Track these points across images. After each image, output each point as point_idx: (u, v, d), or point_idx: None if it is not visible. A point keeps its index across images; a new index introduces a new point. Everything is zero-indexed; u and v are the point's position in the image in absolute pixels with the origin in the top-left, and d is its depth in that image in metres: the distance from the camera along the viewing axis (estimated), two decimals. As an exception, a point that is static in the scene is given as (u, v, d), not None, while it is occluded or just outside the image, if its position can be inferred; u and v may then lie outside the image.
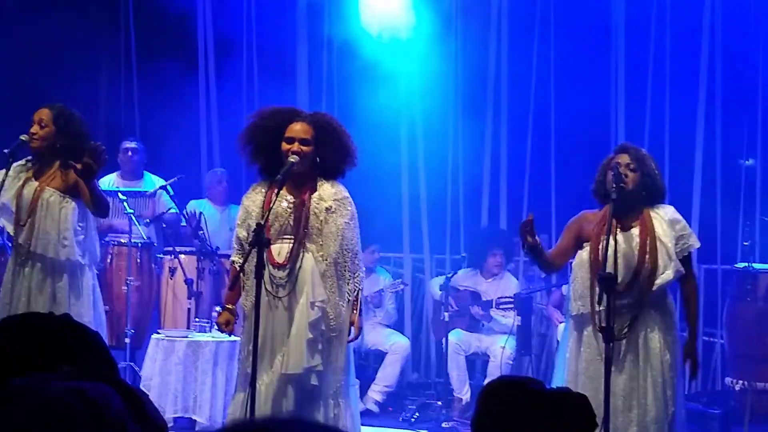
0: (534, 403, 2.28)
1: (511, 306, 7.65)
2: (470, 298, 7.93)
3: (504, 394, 2.31)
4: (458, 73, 8.94)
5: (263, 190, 4.87)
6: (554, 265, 5.18)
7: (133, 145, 8.27)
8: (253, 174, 5.16)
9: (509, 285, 7.96)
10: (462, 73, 8.95)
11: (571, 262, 5.11)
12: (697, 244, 5.01)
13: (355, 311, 4.86)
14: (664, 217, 4.91)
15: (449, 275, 7.83)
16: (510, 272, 8.19)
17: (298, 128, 4.81)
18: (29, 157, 5.48)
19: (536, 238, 4.83)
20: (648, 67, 8.60)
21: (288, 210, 4.78)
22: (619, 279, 4.70)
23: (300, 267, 4.75)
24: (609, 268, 4.57)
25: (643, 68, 8.62)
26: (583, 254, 4.94)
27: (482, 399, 2.34)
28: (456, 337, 7.76)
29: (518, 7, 8.85)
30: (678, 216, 4.96)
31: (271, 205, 4.65)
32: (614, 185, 4.78)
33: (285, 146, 4.77)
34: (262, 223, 4.53)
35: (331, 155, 4.86)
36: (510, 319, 7.69)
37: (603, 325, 4.53)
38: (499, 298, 7.73)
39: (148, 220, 7.72)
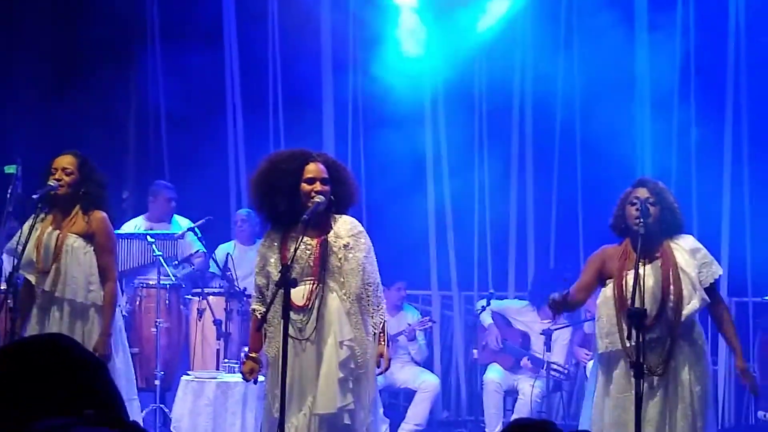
0: None
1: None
2: (521, 343, 7.82)
3: None
4: (482, 109, 8.99)
5: (279, 236, 4.88)
6: (577, 304, 5.15)
7: (173, 194, 8.32)
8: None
9: (566, 333, 7.85)
10: (486, 108, 9.00)
11: (596, 300, 5.08)
12: (720, 271, 4.95)
13: (382, 343, 4.86)
14: (684, 247, 4.87)
15: (488, 297, 7.78)
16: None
17: (315, 168, 4.83)
18: (43, 209, 5.42)
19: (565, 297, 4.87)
20: (673, 101, 8.60)
21: (307, 252, 4.79)
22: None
23: (324, 307, 4.75)
24: (635, 303, 4.55)
25: (668, 101, 8.61)
26: (607, 291, 4.91)
27: None
28: (497, 375, 7.71)
29: (542, 42, 8.87)
30: (698, 245, 4.92)
31: (296, 246, 4.65)
32: (640, 220, 4.75)
33: (306, 187, 4.78)
34: (289, 263, 4.54)
35: (343, 192, 4.90)
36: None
37: (638, 360, 4.49)
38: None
39: (176, 262, 7.76)
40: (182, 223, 8.13)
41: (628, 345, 4.69)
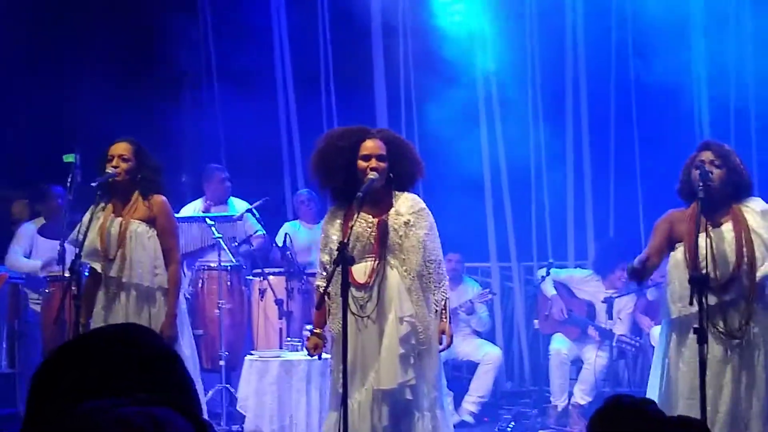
0: (653, 430, 2.16)
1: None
2: (586, 313, 7.76)
3: (622, 420, 2.16)
4: (536, 76, 8.91)
5: (341, 213, 4.90)
6: (653, 268, 5.05)
7: (226, 175, 8.38)
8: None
9: (629, 301, 7.77)
10: (540, 76, 8.92)
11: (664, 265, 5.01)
12: None
13: (444, 320, 4.86)
14: (756, 209, 4.80)
15: (548, 266, 7.76)
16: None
17: (372, 145, 4.83)
18: (102, 197, 5.47)
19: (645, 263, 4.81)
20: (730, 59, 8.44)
21: (368, 229, 4.80)
22: (717, 276, 4.62)
23: (384, 284, 4.76)
24: (704, 267, 4.49)
25: (725, 57, 8.45)
26: (677, 255, 4.84)
27: (597, 422, 2.18)
28: (564, 346, 7.67)
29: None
30: None
31: (352, 223, 4.67)
32: (701, 183, 4.69)
33: (362, 164, 4.79)
34: (345, 241, 4.56)
35: (404, 168, 4.89)
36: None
37: (702, 325, 4.42)
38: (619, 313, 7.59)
39: (236, 243, 7.81)
40: (238, 204, 8.19)
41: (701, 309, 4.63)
